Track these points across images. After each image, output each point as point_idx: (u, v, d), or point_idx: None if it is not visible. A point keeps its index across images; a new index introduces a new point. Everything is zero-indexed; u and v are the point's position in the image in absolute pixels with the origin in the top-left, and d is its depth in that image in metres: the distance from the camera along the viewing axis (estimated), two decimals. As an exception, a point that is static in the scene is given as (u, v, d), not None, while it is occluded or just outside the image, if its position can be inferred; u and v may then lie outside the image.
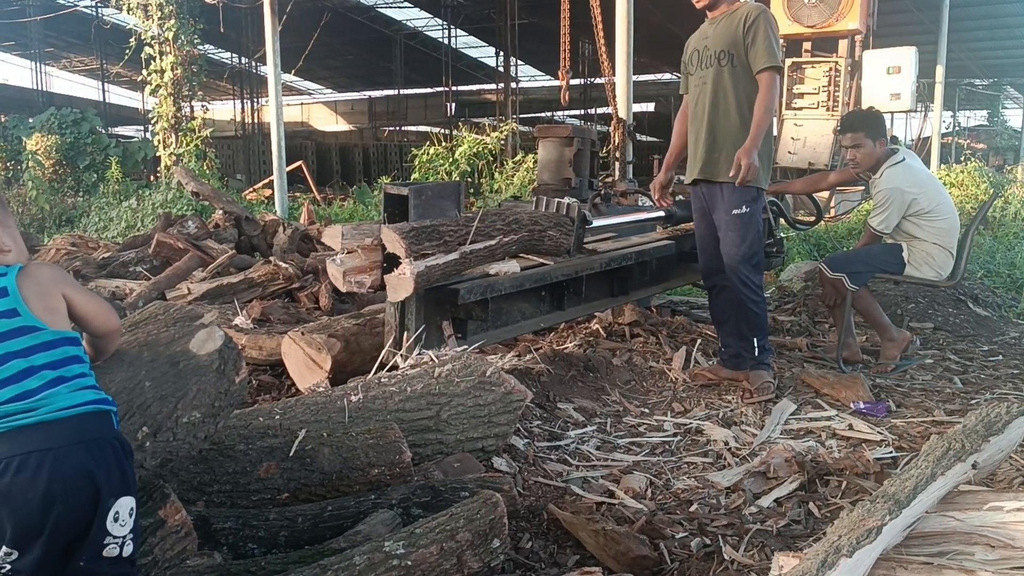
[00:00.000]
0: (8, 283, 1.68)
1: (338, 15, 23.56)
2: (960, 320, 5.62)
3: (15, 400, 1.63)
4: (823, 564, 1.51)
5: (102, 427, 1.70)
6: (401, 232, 3.29)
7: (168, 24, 13.94)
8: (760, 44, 3.92)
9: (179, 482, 2.31)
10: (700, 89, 4.15)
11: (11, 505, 1.58)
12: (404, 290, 3.25)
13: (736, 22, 3.98)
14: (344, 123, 39.11)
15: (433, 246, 3.37)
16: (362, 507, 2.39)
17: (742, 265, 4.07)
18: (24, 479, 1.59)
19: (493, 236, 3.63)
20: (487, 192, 13.22)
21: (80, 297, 1.79)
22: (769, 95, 3.94)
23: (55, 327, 1.70)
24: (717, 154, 4.08)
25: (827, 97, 8.20)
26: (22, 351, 1.66)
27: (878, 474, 3.06)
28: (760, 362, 4.18)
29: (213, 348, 1.97)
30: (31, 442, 1.61)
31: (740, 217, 4.04)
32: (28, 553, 1.61)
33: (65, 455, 1.62)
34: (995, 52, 24.77)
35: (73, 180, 16.52)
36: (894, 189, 4.47)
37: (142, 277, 6.01)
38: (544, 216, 4.01)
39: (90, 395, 1.71)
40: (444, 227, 3.44)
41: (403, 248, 3.25)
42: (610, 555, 2.50)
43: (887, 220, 4.52)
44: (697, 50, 4.18)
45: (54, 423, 1.64)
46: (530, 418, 3.64)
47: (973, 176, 13.70)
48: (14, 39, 28.44)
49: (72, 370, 1.70)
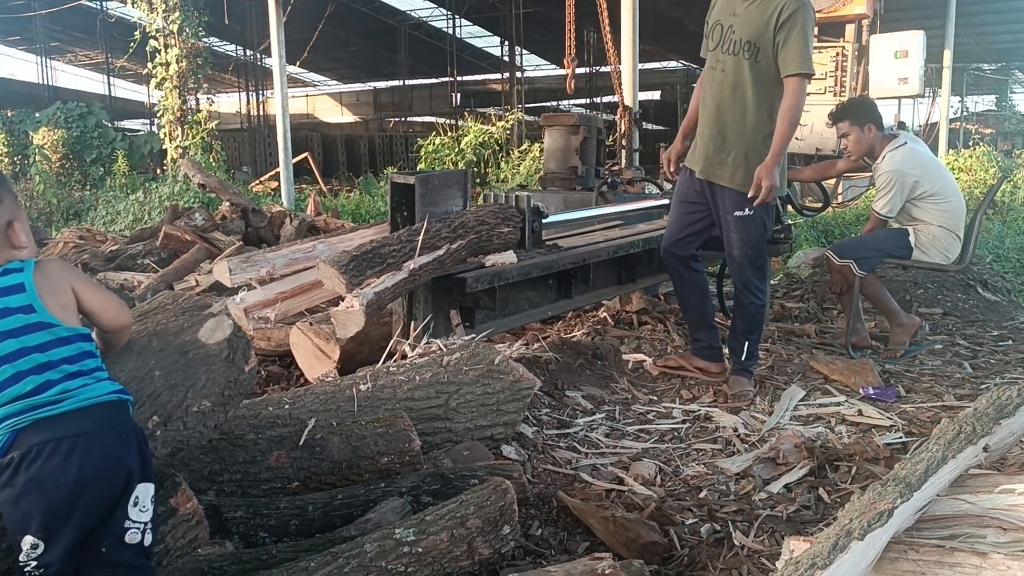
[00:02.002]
0: (25, 279, 1.69)
1: (342, 6, 23.51)
2: (969, 305, 5.59)
3: (38, 391, 1.65)
4: (834, 547, 1.51)
5: (124, 415, 1.74)
6: (339, 266, 2.97)
7: (173, 17, 13.93)
8: (793, 45, 3.54)
9: (190, 471, 2.32)
10: (716, 75, 3.80)
11: (42, 490, 1.60)
12: (355, 324, 2.91)
13: (770, 12, 3.58)
14: (349, 114, 39.08)
15: (377, 271, 3.08)
16: (372, 495, 2.40)
17: (747, 267, 3.87)
18: (56, 463, 1.60)
19: (439, 246, 3.36)
20: (493, 182, 13.21)
21: (90, 292, 1.79)
22: (796, 103, 3.59)
23: (68, 323, 1.72)
24: (724, 155, 3.79)
25: (834, 82, 8.15)
26: (39, 346, 1.67)
27: (888, 459, 3.06)
28: (745, 368, 3.98)
29: (222, 337, 1.98)
30: (62, 429, 1.63)
31: (743, 219, 3.79)
32: (56, 543, 1.61)
33: (97, 440, 1.65)
34: (1003, 36, 24.60)
35: (80, 174, 16.60)
36: (895, 171, 4.45)
37: (150, 269, 6.03)
38: (491, 213, 3.72)
39: (109, 386, 1.73)
40: (385, 248, 3.16)
41: (344, 284, 2.91)
42: (620, 541, 2.50)
43: (890, 203, 4.50)
44: (721, 24, 3.76)
45: (83, 411, 1.66)
46: (539, 406, 3.64)
47: (981, 161, 13.64)
48: (19, 34, 28.47)
49: (87, 365, 1.73)
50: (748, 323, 3.95)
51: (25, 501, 1.60)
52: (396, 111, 35.12)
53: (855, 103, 4.94)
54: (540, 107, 28.64)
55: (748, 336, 3.95)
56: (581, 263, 4.19)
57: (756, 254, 3.87)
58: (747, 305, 3.93)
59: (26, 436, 1.62)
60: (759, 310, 3.96)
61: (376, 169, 23.09)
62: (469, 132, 14.35)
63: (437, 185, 3.47)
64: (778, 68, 3.62)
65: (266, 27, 13.48)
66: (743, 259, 3.86)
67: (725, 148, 3.78)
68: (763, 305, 4.00)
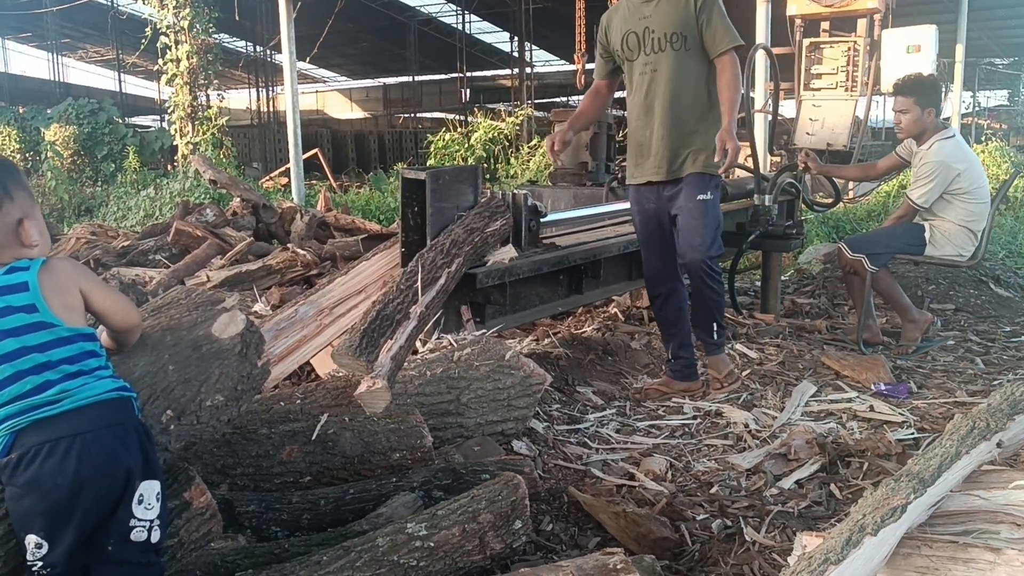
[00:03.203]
0: (30, 278, 1.68)
1: (352, 2, 23.50)
2: (981, 301, 5.57)
3: (37, 391, 1.65)
4: (848, 542, 1.51)
5: (125, 413, 1.73)
6: (353, 350, 2.63)
7: (183, 13, 13.96)
8: (717, 24, 3.65)
9: (203, 465, 2.34)
10: (649, 77, 3.78)
11: (41, 490, 1.61)
12: (383, 400, 2.65)
13: (685, 1, 3.68)
14: (359, 110, 39.14)
15: (389, 333, 2.81)
16: (384, 490, 2.41)
17: (708, 251, 3.76)
18: (53, 463, 1.61)
19: (439, 275, 3.19)
20: (503, 178, 13.20)
21: (98, 293, 1.79)
22: (735, 74, 3.66)
23: (71, 324, 1.71)
24: (686, 152, 3.76)
25: (846, 77, 8.11)
26: (39, 346, 1.67)
27: (900, 455, 3.05)
28: (719, 345, 4.00)
29: (235, 332, 1.99)
30: (59, 429, 1.64)
31: (705, 203, 3.76)
32: (59, 542, 1.62)
33: (93, 439, 1.65)
34: (1016, 31, 24.42)
35: (91, 170, 16.67)
36: (941, 162, 4.38)
37: (161, 265, 6.05)
38: (478, 216, 3.53)
39: (110, 384, 1.73)
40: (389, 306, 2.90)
41: (364, 366, 2.65)
42: (631, 537, 2.50)
43: (929, 193, 4.43)
44: (635, 32, 3.77)
45: (81, 410, 1.66)
46: (549, 402, 3.65)
47: (994, 156, 13.56)
48: (31, 30, 28.61)
49: (89, 364, 1.72)
50: (712, 310, 3.91)
51: (26, 501, 1.62)
52: (406, 107, 35.15)
53: (926, 82, 4.69)
54: (550, 103, 28.61)
55: (716, 319, 3.94)
56: (592, 258, 4.18)
57: (714, 239, 3.80)
58: (708, 294, 3.85)
59: (25, 437, 1.63)
60: (721, 297, 3.93)
61: (386, 165, 23.11)
62: (479, 128, 14.34)
63: (448, 181, 3.47)
64: (705, 50, 3.72)
65: (276, 23, 13.48)
66: (703, 246, 3.75)
67: (685, 143, 3.76)
68: (723, 290, 3.97)
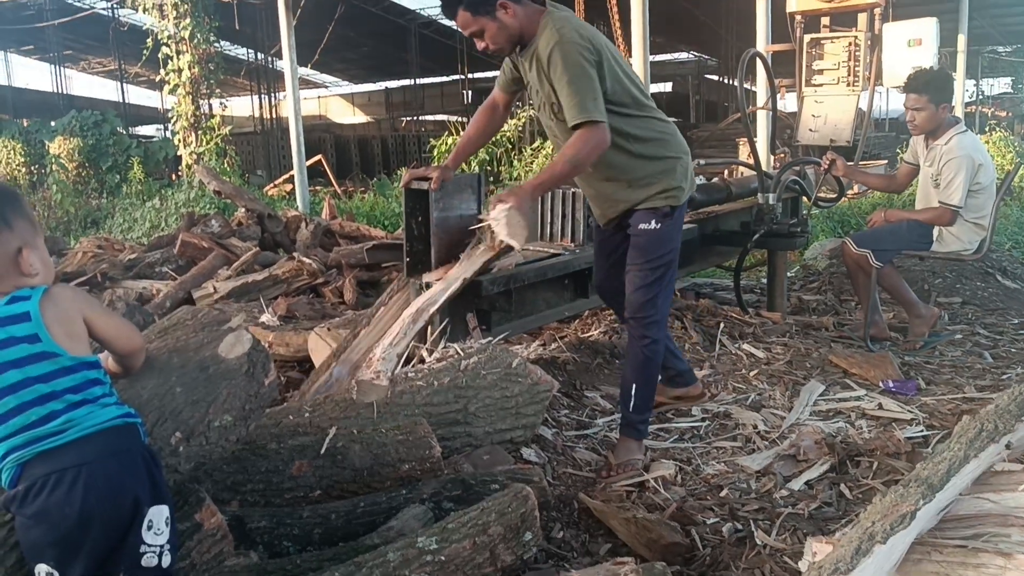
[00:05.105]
0: (31, 307, 1.68)
1: (352, 7, 23.55)
2: (988, 293, 5.56)
3: (42, 422, 1.66)
4: (857, 551, 1.51)
5: (130, 439, 1.73)
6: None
7: (184, 23, 14.00)
8: (564, 95, 2.88)
9: (213, 482, 2.35)
10: (554, 142, 3.25)
11: (50, 521, 1.62)
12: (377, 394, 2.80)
13: (538, 65, 2.99)
14: (362, 115, 39.20)
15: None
16: (394, 502, 2.42)
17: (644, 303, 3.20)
18: (61, 494, 1.62)
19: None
20: (507, 180, 13.20)
21: (101, 320, 1.79)
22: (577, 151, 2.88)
23: (74, 352, 1.71)
24: (622, 205, 3.22)
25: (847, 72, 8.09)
26: (43, 376, 1.67)
27: (909, 454, 3.05)
28: (632, 424, 3.25)
29: (242, 352, 1.99)
30: (65, 459, 1.64)
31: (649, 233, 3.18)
32: (70, 571, 1.64)
33: (99, 468, 1.65)
34: (1018, 18, 24.31)
35: (96, 182, 16.74)
36: (966, 156, 4.32)
37: (168, 277, 6.07)
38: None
39: (115, 411, 1.73)
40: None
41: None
42: (642, 543, 2.50)
43: (960, 190, 4.32)
44: (534, 86, 3.12)
45: (86, 439, 1.67)
46: (557, 407, 3.65)
47: (998, 146, 13.53)
48: (33, 43, 28.69)
49: (93, 392, 1.72)
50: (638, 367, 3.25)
51: (35, 532, 1.63)
52: (408, 110, 35.18)
53: (939, 78, 4.59)
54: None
55: (637, 380, 3.24)
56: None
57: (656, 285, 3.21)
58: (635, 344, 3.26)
59: (32, 468, 1.64)
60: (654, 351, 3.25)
61: (389, 169, 23.13)
62: (481, 130, 14.32)
63: (451, 190, 3.48)
64: None
65: (277, 30, 13.52)
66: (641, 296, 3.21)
67: (620, 197, 3.22)
68: (660, 344, 3.27)
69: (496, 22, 2.96)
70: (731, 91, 29.93)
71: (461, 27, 3.03)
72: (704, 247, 5.26)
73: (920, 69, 4.79)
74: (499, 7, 2.94)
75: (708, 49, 31.32)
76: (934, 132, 4.48)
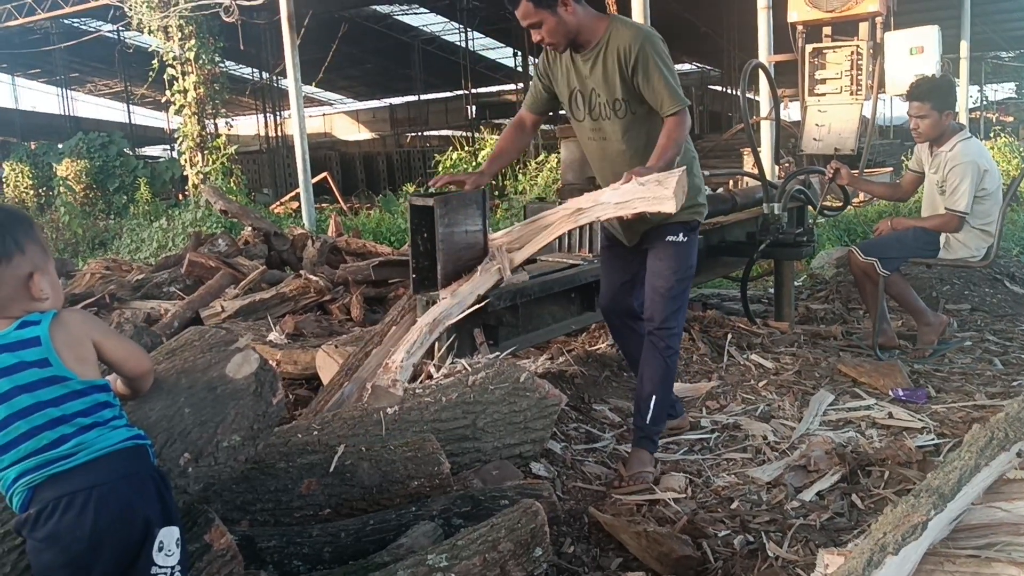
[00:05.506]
0: (41, 332, 1.69)
1: (355, 25, 23.69)
2: (997, 300, 5.54)
3: (53, 446, 1.67)
4: (869, 563, 1.50)
5: (140, 461, 1.74)
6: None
7: (189, 44, 14.10)
8: (657, 84, 3.03)
9: (223, 502, 2.34)
10: (599, 145, 3.32)
11: (60, 545, 1.62)
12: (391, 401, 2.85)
13: (612, 62, 3.08)
14: (366, 131, 39.29)
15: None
16: (403, 519, 2.41)
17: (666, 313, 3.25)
18: (71, 517, 1.62)
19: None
20: (512, 194, 13.22)
21: (111, 343, 1.81)
22: (679, 137, 3.06)
23: (84, 376, 1.72)
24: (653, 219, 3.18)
25: (850, 81, 8.11)
26: (53, 400, 1.68)
27: (920, 463, 3.03)
28: (648, 436, 3.28)
29: (249, 371, 2.00)
30: (75, 482, 1.65)
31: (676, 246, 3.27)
32: None
33: (110, 491, 1.66)
34: (1021, 23, 24.31)
35: (104, 203, 16.84)
36: (971, 162, 4.33)
37: (176, 297, 6.09)
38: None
39: (124, 433, 1.75)
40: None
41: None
42: (653, 557, 2.49)
43: (967, 196, 4.33)
44: (581, 93, 3.24)
45: (96, 461, 1.68)
46: (566, 421, 3.64)
47: (1004, 152, 13.50)
48: (40, 66, 28.94)
49: (103, 415, 1.74)
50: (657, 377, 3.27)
51: (47, 555, 1.63)
52: (412, 126, 35.27)
53: (942, 85, 4.57)
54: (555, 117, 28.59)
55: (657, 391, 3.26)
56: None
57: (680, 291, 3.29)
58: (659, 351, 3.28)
59: (42, 492, 1.65)
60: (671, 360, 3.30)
61: (395, 185, 23.19)
62: (486, 145, 14.39)
63: (456, 206, 3.48)
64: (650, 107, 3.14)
65: (281, 49, 13.59)
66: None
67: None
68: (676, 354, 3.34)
69: (556, 17, 3.06)
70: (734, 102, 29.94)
71: (521, 17, 3.12)
72: (710, 258, 5.25)
73: (923, 77, 4.80)
74: (561, 3, 3.04)
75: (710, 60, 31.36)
76: (938, 139, 4.48)
